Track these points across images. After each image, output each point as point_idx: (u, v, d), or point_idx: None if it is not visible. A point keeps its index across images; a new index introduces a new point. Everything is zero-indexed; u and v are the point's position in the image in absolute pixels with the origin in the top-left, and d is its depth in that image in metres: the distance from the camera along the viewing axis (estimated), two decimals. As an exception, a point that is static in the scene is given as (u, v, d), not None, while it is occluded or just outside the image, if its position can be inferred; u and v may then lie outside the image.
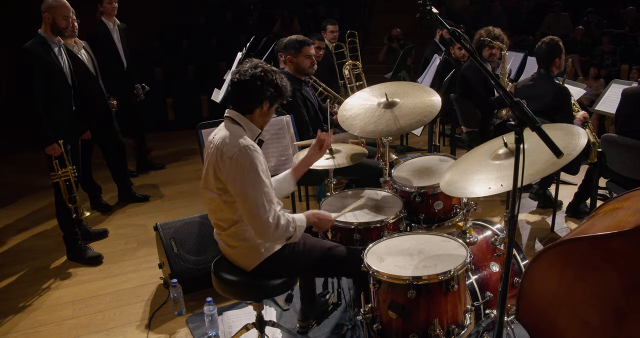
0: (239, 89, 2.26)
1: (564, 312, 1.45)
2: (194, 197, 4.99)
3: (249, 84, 2.22)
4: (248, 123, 2.30)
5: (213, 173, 2.23)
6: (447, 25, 1.91)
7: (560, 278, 1.46)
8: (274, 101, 2.31)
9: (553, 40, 3.84)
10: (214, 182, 2.24)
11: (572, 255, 1.42)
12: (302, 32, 6.85)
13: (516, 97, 1.66)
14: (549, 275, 1.47)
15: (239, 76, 2.24)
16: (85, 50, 4.19)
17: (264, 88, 2.24)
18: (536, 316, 1.53)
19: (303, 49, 3.55)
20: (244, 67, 2.27)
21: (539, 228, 4.08)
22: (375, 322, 2.13)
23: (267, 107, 2.29)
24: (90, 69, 4.19)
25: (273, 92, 2.27)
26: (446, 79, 4.85)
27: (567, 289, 1.44)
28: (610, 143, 3.40)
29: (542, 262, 1.48)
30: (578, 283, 1.42)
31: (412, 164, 3.02)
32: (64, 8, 3.46)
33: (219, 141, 2.22)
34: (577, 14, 9.63)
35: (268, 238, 2.22)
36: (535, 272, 1.50)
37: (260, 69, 2.25)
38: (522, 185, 1.65)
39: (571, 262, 1.43)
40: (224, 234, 2.34)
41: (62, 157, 3.56)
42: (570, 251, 1.43)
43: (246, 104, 2.28)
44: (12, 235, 4.39)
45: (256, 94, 2.25)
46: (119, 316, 3.19)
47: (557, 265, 1.45)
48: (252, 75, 2.22)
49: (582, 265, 1.41)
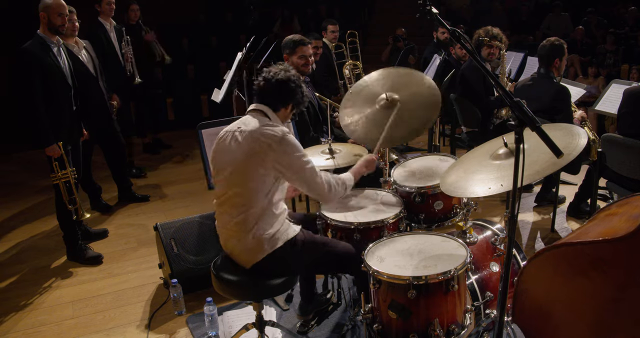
0: (273, 86, 2.38)
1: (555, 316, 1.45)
2: (194, 197, 4.99)
3: (284, 84, 2.37)
4: (276, 118, 2.42)
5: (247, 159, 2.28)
6: (447, 25, 1.91)
7: (551, 281, 1.46)
8: (295, 106, 2.48)
9: (558, 41, 3.84)
10: (245, 167, 2.28)
11: (563, 259, 1.42)
12: (302, 32, 6.85)
13: (516, 97, 1.66)
14: (541, 278, 1.48)
15: (274, 74, 2.38)
16: (86, 51, 4.19)
17: (295, 91, 2.41)
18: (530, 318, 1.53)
19: (297, 48, 3.57)
20: (275, 67, 2.42)
21: (539, 228, 4.08)
22: (375, 322, 2.13)
23: (289, 109, 2.46)
24: (90, 69, 4.19)
25: (299, 98, 2.45)
26: (446, 79, 4.85)
27: (557, 293, 1.44)
28: (611, 143, 3.40)
29: (534, 265, 1.48)
30: (567, 289, 1.42)
31: (412, 164, 3.02)
32: (58, 6, 3.46)
33: (254, 128, 2.31)
34: (577, 14, 9.62)
35: (330, 200, 2.47)
36: (528, 275, 1.50)
37: (294, 73, 2.42)
38: (522, 185, 1.65)
39: (561, 267, 1.43)
40: (233, 223, 2.34)
41: (62, 158, 3.55)
42: (561, 256, 1.43)
43: (277, 101, 2.41)
44: (12, 235, 4.39)
45: (287, 94, 2.40)
46: (119, 316, 3.19)
47: (549, 269, 1.46)
48: (287, 77, 2.38)
49: (571, 271, 1.41)
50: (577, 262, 1.39)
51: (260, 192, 2.29)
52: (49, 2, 3.44)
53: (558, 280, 1.44)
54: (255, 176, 2.28)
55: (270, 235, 2.33)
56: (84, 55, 4.16)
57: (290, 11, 10.09)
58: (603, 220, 1.45)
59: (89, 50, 4.23)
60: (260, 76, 2.42)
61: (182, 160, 6.18)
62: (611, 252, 1.31)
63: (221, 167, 2.38)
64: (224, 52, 8.02)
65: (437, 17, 1.94)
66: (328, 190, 2.40)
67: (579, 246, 1.38)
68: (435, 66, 5.18)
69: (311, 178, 2.35)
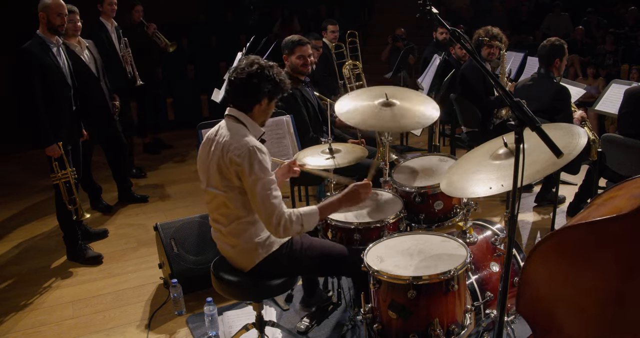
0: (236, 87, 2.27)
1: (560, 302, 1.44)
2: (194, 197, 4.99)
3: (246, 82, 2.23)
4: (251, 122, 2.31)
5: (218, 171, 2.24)
6: (447, 25, 1.90)
7: (556, 268, 1.44)
8: (272, 96, 2.32)
9: (559, 41, 3.85)
10: (219, 180, 2.24)
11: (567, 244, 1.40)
12: (302, 32, 6.85)
13: (516, 97, 1.66)
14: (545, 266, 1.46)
15: (236, 74, 2.25)
16: (88, 50, 4.20)
17: (261, 85, 2.24)
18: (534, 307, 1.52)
19: (296, 48, 3.57)
20: (240, 65, 2.28)
21: (539, 228, 4.08)
22: (375, 322, 2.13)
23: (266, 103, 2.31)
24: (92, 69, 4.19)
25: (271, 88, 2.27)
26: (446, 78, 4.85)
27: (563, 279, 1.43)
28: (611, 143, 3.40)
29: (538, 253, 1.46)
30: (573, 272, 1.41)
31: (412, 164, 3.02)
32: (57, 6, 3.46)
33: (225, 140, 2.22)
34: (577, 14, 9.62)
35: (276, 234, 2.22)
36: (532, 264, 1.48)
37: (257, 66, 2.24)
38: (522, 185, 1.65)
39: (566, 251, 1.41)
40: (225, 230, 2.34)
41: (62, 158, 3.55)
42: (564, 240, 1.41)
43: (245, 103, 2.29)
44: (12, 235, 4.39)
45: (253, 92, 2.26)
46: (119, 316, 3.19)
47: (553, 255, 1.44)
48: (248, 74, 2.23)
49: (576, 253, 1.39)
50: (583, 244, 1.37)
51: (239, 201, 2.26)
52: (48, 2, 3.44)
53: (563, 264, 1.42)
54: (230, 187, 2.24)
55: (264, 240, 2.33)
56: (86, 55, 4.17)
57: (290, 11, 10.08)
58: (603, 203, 1.44)
59: (91, 50, 4.23)
60: (228, 78, 2.32)
61: (182, 160, 6.19)
62: (617, 230, 1.30)
63: (203, 175, 2.36)
64: (224, 52, 8.01)
65: (437, 17, 1.94)
66: (276, 225, 2.16)
67: (584, 226, 1.36)
68: (435, 66, 5.18)
69: (262, 202, 2.16)
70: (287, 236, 2.26)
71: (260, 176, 2.16)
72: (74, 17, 3.94)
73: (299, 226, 2.22)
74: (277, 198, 2.20)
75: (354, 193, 2.37)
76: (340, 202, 2.36)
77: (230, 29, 9.07)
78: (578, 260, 1.40)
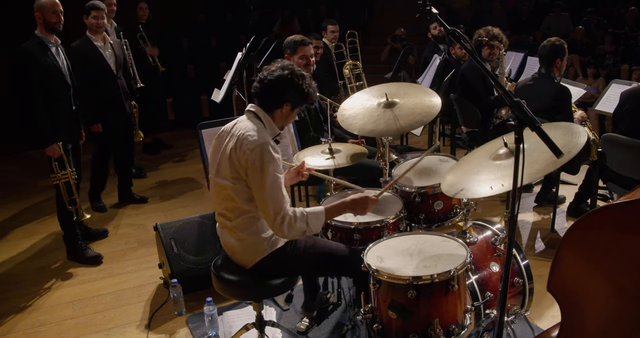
0: (263, 86, 2.30)
1: (597, 278, 1.41)
2: (194, 197, 4.99)
3: (274, 84, 2.27)
4: (269, 121, 2.33)
5: (229, 162, 2.25)
6: (446, 25, 1.90)
7: (595, 242, 1.42)
8: (295, 105, 2.34)
9: (559, 41, 3.85)
10: (229, 170, 2.25)
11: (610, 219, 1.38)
12: (302, 32, 6.85)
13: (516, 97, 1.66)
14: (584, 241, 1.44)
15: (267, 74, 2.28)
16: (111, 47, 4.30)
17: (287, 91, 2.28)
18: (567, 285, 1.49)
19: (298, 48, 3.56)
20: (272, 66, 2.32)
21: (539, 228, 4.08)
22: (375, 322, 2.13)
23: (288, 109, 2.33)
24: (112, 66, 4.29)
25: (296, 97, 2.31)
26: (446, 78, 4.85)
27: (602, 254, 1.40)
28: (611, 143, 3.40)
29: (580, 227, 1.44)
30: (613, 247, 1.38)
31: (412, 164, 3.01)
32: (52, 4, 3.47)
33: (241, 132, 2.24)
34: (577, 14, 9.62)
35: (280, 233, 2.21)
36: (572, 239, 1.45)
37: (288, 72, 2.28)
38: (522, 185, 1.65)
39: (607, 226, 1.39)
40: (230, 225, 2.33)
41: (62, 159, 3.56)
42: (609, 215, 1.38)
43: (268, 103, 2.33)
44: (12, 235, 4.39)
45: (279, 95, 2.29)
46: (119, 316, 3.19)
47: (594, 229, 1.42)
48: (278, 77, 2.26)
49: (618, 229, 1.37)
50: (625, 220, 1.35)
51: (246, 194, 2.25)
52: (43, 1, 3.46)
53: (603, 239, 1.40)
54: (238, 179, 2.25)
55: (270, 235, 2.33)
56: (108, 52, 4.25)
57: (290, 11, 10.09)
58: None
59: (114, 48, 4.32)
60: (258, 75, 2.35)
61: (182, 160, 6.19)
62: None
63: (213, 164, 2.37)
64: (224, 52, 8.02)
65: (437, 17, 1.94)
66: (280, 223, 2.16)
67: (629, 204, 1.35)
68: (435, 66, 5.18)
69: (270, 198, 2.16)
70: (291, 235, 2.21)
71: (271, 172, 2.17)
72: (100, 14, 4.08)
73: (303, 224, 2.20)
74: (285, 197, 2.22)
75: (362, 202, 2.33)
76: (346, 207, 2.34)
77: (230, 29, 9.07)
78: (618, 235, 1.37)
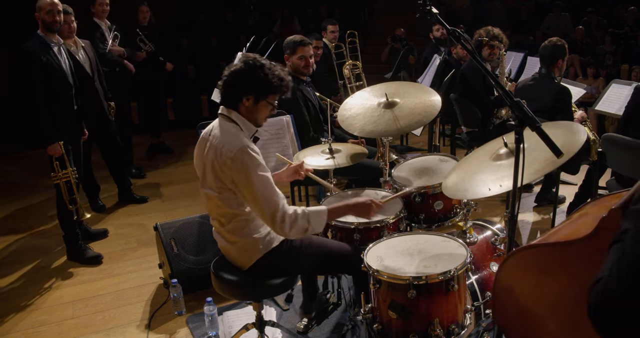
0: (223, 84, 2.25)
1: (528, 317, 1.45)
2: (194, 197, 4.99)
3: (230, 79, 2.21)
4: (243, 120, 2.25)
5: (212, 172, 2.22)
6: (446, 25, 1.90)
7: (523, 282, 1.45)
8: (259, 97, 2.21)
9: (560, 41, 3.86)
10: (213, 181, 2.23)
11: (533, 260, 1.41)
12: (302, 32, 6.85)
13: (516, 97, 1.66)
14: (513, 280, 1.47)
15: (226, 72, 2.23)
16: (84, 50, 4.19)
17: (243, 84, 2.19)
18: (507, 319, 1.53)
19: (297, 49, 3.57)
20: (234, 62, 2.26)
21: (539, 228, 4.08)
22: (375, 322, 2.13)
23: (250, 103, 2.22)
24: (87, 69, 4.19)
25: (256, 88, 2.19)
26: (446, 78, 4.85)
27: (529, 295, 1.43)
28: (611, 143, 3.40)
29: (507, 266, 1.48)
30: (537, 290, 1.42)
31: (412, 164, 3.02)
32: (46, 4, 3.49)
33: (217, 141, 2.20)
34: (577, 14, 9.62)
35: (282, 232, 2.16)
36: (502, 276, 1.49)
37: (243, 65, 2.19)
38: (522, 185, 1.66)
39: (531, 268, 1.42)
40: (224, 230, 2.33)
41: (63, 158, 3.56)
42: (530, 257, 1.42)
43: (228, 100, 2.26)
44: (12, 235, 4.38)
45: (236, 89, 2.21)
46: (119, 316, 3.19)
47: (519, 270, 1.45)
48: (232, 72, 2.21)
49: (540, 272, 1.40)
50: (544, 263, 1.38)
51: (234, 201, 2.24)
52: (40, 2, 3.50)
53: (529, 280, 1.44)
54: (223, 188, 2.22)
55: (263, 236, 2.32)
56: (81, 55, 4.17)
57: (290, 11, 10.09)
58: (575, 220, 1.45)
59: (87, 51, 4.23)
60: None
61: (182, 160, 6.19)
62: (573, 253, 1.30)
63: (199, 174, 2.35)
64: (224, 52, 8.00)
65: (437, 17, 1.94)
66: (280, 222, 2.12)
67: (545, 248, 1.38)
68: (435, 66, 5.18)
69: (263, 201, 2.11)
70: (293, 233, 2.17)
71: (256, 174, 2.13)
72: (69, 18, 3.95)
73: (305, 222, 2.16)
74: (278, 195, 2.18)
75: (366, 207, 2.29)
76: (349, 210, 2.32)
77: (230, 29, 9.07)
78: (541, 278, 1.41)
